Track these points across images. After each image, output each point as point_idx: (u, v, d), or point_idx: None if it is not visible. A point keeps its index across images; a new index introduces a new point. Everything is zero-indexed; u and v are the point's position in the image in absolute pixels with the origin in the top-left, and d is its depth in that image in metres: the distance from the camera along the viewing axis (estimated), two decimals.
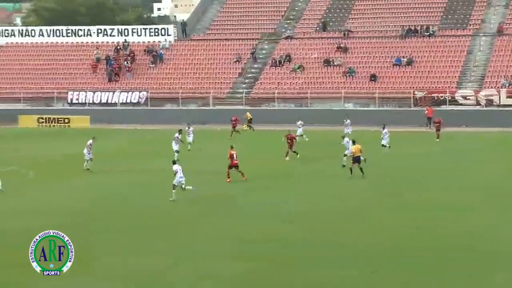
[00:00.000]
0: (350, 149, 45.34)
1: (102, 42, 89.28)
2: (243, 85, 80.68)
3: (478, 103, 72.66)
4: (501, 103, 72.19)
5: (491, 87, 73.74)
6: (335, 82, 78.26)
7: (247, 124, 70.20)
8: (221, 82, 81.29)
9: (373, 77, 77.21)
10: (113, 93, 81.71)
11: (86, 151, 46.65)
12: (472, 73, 76.72)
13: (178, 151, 50.82)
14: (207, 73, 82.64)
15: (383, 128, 52.98)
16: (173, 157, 48.07)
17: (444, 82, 75.64)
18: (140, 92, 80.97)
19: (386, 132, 52.78)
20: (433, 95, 73.69)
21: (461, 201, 36.02)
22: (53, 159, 53.57)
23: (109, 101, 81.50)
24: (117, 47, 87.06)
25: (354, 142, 43.64)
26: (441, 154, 52.78)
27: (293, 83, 79.27)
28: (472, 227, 30.88)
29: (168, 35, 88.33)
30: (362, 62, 79.83)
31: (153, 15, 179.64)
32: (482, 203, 35.82)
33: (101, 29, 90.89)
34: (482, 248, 27.44)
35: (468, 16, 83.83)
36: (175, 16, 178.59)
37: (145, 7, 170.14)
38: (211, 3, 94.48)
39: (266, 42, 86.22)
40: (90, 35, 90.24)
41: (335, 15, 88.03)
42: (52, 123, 78.51)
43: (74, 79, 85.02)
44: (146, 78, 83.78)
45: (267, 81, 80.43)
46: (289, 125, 59.80)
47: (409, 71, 77.69)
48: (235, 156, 41.67)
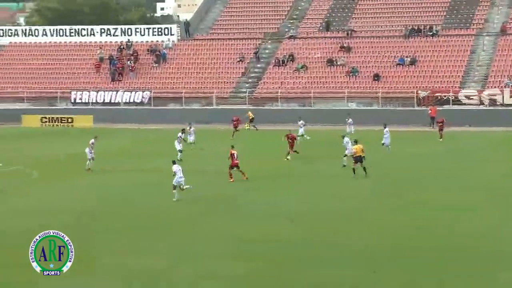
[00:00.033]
0: (350, 149, 45.32)
1: (106, 42, 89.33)
2: (246, 85, 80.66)
3: (481, 103, 72.57)
4: (505, 102, 72.09)
5: (495, 87, 73.64)
6: (338, 82, 78.22)
7: (249, 124, 70.09)
8: (224, 82, 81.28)
9: (376, 77, 77.16)
10: (116, 92, 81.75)
11: (88, 150, 46.77)
12: (476, 73, 76.65)
13: (181, 150, 50.90)
14: (210, 72, 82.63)
15: (384, 127, 52.94)
16: (176, 156, 48.25)
17: (447, 81, 75.57)
18: (143, 92, 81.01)
19: (387, 131, 52.71)
20: (437, 94, 73.60)
21: (463, 201, 35.97)
22: (57, 158, 53.60)
23: (113, 100, 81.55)
24: (120, 47, 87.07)
25: (356, 141, 43.43)
26: (444, 153, 52.74)
27: (296, 82, 79.24)
28: (475, 226, 30.84)
29: (171, 34, 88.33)
30: (365, 62, 79.76)
31: (156, 14, 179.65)
32: (485, 202, 35.79)
33: (104, 29, 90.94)
34: (485, 248, 27.39)
35: (471, 16, 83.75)
36: (178, 16, 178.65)
37: (148, 7, 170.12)
38: (214, 3, 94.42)
39: (269, 41, 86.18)
40: (94, 34, 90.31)
41: (338, 14, 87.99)
42: (55, 122, 78.63)
43: (77, 78, 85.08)
44: (149, 77, 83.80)
45: (270, 80, 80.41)
46: (292, 125, 59.90)
47: (413, 71, 77.61)
48: (235, 156, 41.68)
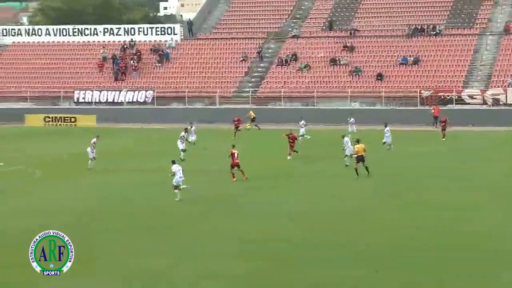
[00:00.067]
0: (350, 149, 45.32)
1: (109, 41, 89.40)
2: (250, 84, 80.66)
3: (484, 102, 72.53)
4: (508, 102, 72.06)
5: (498, 86, 73.59)
6: (341, 81, 78.20)
7: (250, 123, 69.95)
8: (228, 81, 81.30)
9: (379, 76, 77.13)
10: (120, 92, 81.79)
11: (89, 149, 46.76)
12: (479, 72, 76.60)
13: (184, 150, 50.88)
14: (214, 72, 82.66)
15: (385, 127, 52.83)
16: (178, 156, 48.27)
17: (450, 81, 75.53)
18: (146, 91, 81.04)
19: (388, 130, 52.59)
20: (440, 94, 73.57)
21: (465, 201, 35.87)
22: (60, 158, 53.61)
23: (116, 100, 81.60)
24: (123, 46, 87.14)
25: (358, 141, 43.34)
26: (446, 153, 52.64)
27: (299, 82, 79.23)
28: (477, 226, 30.75)
29: (174, 34, 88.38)
30: (369, 61, 79.73)
31: (159, 14, 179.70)
32: (487, 202, 35.70)
33: (107, 28, 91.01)
34: (487, 247, 27.33)
35: (474, 15, 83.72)
36: (181, 15, 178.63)
37: (151, 7, 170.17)
38: (217, 2, 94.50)
39: (272, 41, 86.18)
40: (97, 34, 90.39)
41: (341, 14, 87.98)
42: (58, 122, 78.65)
43: (80, 78, 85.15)
44: (153, 77, 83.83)
45: (273, 80, 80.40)
46: (295, 124, 59.87)
47: (416, 70, 77.58)
48: (236, 155, 41.61)
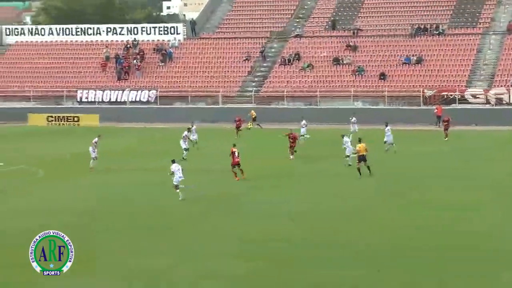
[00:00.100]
0: (350, 148, 45.33)
1: (112, 41, 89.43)
2: (253, 84, 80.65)
3: (487, 102, 72.48)
4: (511, 101, 72.00)
5: (501, 86, 73.53)
6: (344, 81, 78.18)
7: (252, 122, 69.84)
8: (231, 81, 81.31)
9: (382, 76, 77.10)
10: (123, 91, 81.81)
11: (91, 149, 46.68)
12: (482, 72, 76.54)
13: (187, 149, 50.89)
14: (217, 71, 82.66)
15: (386, 126, 52.63)
16: (181, 155, 48.29)
17: (453, 80, 75.46)
18: (149, 91, 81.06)
19: (389, 130, 52.39)
20: (443, 93, 73.52)
21: (467, 200, 35.82)
22: (62, 157, 53.61)
23: (119, 99, 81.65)
24: (126, 46, 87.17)
25: (360, 140, 43.35)
26: (449, 153, 52.56)
27: (302, 81, 79.22)
28: (478, 226, 30.72)
29: (177, 33, 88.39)
30: (372, 61, 79.70)
31: (162, 13, 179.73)
32: (489, 202, 35.66)
33: (110, 28, 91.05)
34: (488, 247, 27.30)
35: (478, 15, 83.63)
36: (184, 15, 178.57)
37: (155, 6, 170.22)
38: (220, 1, 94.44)
39: (275, 40, 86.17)
40: (100, 33, 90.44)
41: (345, 13, 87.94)
42: (61, 121, 78.73)
43: (83, 77, 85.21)
44: (156, 76, 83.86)
45: (276, 79, 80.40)
46: (297, 124, 59.71)
47: (419, 70, 77.53)
48: (236, 154, 41.55)
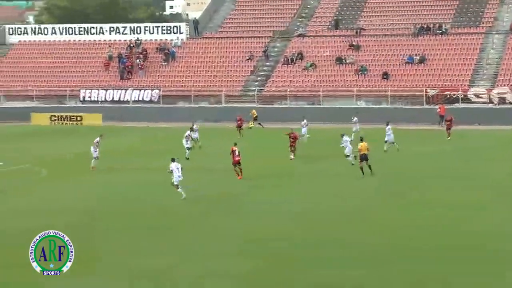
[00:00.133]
0: (349, 148, 45.33)
1: (115, 40, 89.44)
2: (255, 83, 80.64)
3: (490, 101, 72.40)
4: None
5: (504, 85, 73.43)
6: (347, 80, 78.15)
7: (253, 122, 69.75)
8: (233, 80, 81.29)
9: (385, 75, 77.05)
10: (126, 91, 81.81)
11: (93, 149, 46.61)
12: (485, 71, 76.47)
13: (190, 148, 50.88)
14: (219, 71, 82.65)
15: (387, 125, 52.52)
16: (184, 155, 48.30)
17: (456, 80, 75.39)
18: (152, 90, 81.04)
19: (389, 129, 52.28)
20: (446, 93, 73.47)
21: (469, 200, 35.80)
22: (65, 157, 53.63)
23: (122, 99, 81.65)
24: (129, 45, 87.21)
25: (362, 139, 43.34)
26: (451, 152, 52.43)
27: (305, 81, 79.20)
28: (480, 226, 30.68)
29: (180, 33, 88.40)
30: (374, 60, 79.65)
31: (165, 13, 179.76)
32: (491, 201, 35.59)
33: (113, 27, 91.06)
34: (491, 247, 27.26)
35: (481, 14, 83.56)
36: (187, 14, 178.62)
37: (157, 5, 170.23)
38: (223, 1, 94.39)
39: (278, 40, 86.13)
40: (103, 33, 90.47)
41: (347, 13, 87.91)
42: (64, 120, 78.77)
43: (86, 77, 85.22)
44: (159, 76, 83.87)
45: (279, 79, 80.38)
46: (300, 123, 59.67)
47: (422, 69, 77.48)
48: (236, 153, 41.49)
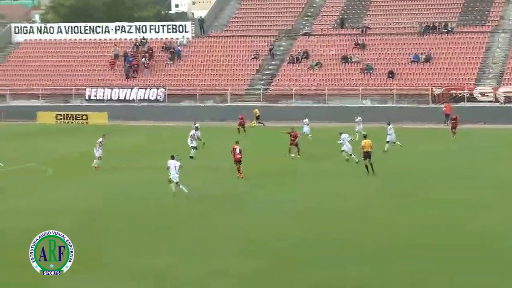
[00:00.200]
0: (348, 146, 45.30)
1: (120, 39, 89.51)
2: (261, 82, 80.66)
3: (496, 100, 72.32)
4: None
5: (510, 84, 73.36)
6: (352, 79, 78.10)
7: (255, 121, 69.76)
8: (239, 79, 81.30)
9: (391, 74, 76.99)
10: (131, 89, 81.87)
11: (95, 148, 46.48)
12: (491, 70, 76.37)
13: (195, 147, 50.83)
14: (225, 69, 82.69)
15: (388, 125, 52.36)
16: (189, 153, 48.33)
17: (462, 79, 75.31)
18: (158, 89, 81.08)
19: (391, 129, 52.10)
20: (451, 92, 73.41)
21: (473, 199, 35.68)
22: (71, 156, 53.68)
23: (127, 97, 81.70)
24: (135, 44, 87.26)
25: (365, 136, 43.31)
26: (456, 151, 52.32)
27: (311, 79, 79.17)
28: (485, 225, 30.54)
29: (186, 32, 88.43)
30: (380, 59, 79.60)
31: (171, 12, 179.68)
32: (496, 201, 35.46)
33: (119, 26, 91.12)
34: (496, 247, 27.18)
35: (486, 13, 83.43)
36: (192, 13, 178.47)
37: (163, 4, 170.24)
38: None
39: (283, 38, 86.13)
40: (108, 32, 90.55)
41: (353, 11, 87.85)
42: (70, 119, 78.87)
43: (92, 75, 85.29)
44: (164, 74, 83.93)
45: (284, 77, 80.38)
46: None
47: (427, 68, 77.41)
48: (237, 151, 41.37)
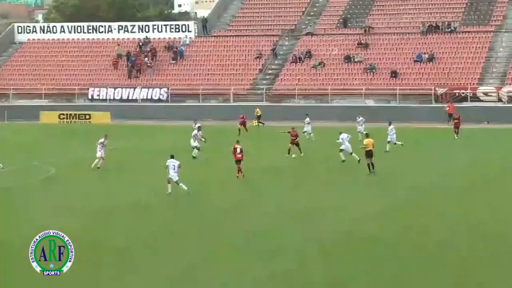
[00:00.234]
0: (347, 146, 45.27)
1: (123, 39, 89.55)
2: (264, 82, 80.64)
3: (499, 100, 72.27)
4: None
5: None
6: (355, 79, 78.07)
7: (256, 120, 69.70)
8: (242, 79, 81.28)
9: (394, 74, 76.93)
10: (134, 89, 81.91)
11: (97, 149, 46.36)
12: (494, 70, 76.31)
13: (198, 147, 50.76)
14: (228, 69, 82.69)
15: (389, 125, 52.24)
16: (191, 154, 48.31)
17: (465, 78, 75.22)
18: (161, 89, 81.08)
19: (392, 129, 51.97)
20: (455, 91, 73.33)
21: (473, 199, 35.64)
22: (74, 155, 53.59)
23: (130, 97, 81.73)
24: (138, 44, 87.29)
25: (367, 135, 43.29)
26: (459, 151, 52.32)
27: (314, 79, 79.13)
28: (488, 226, 30.43)
29: (188, 31, 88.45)
30: (383, 59, 79.56)
31: (173, 11, 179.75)
32: (500, 201, 35.34)
33: (122, 26, 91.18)
34: (499, 247, 27.08)
35: (490, 13, 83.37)
36: (195, 13, 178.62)
37: (166, 4, 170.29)
38: None
39: (286, 38, 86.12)
40: (111, 31, 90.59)
41: (356, 11, 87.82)
42: (73, 119, 78.89)
43: (95, 75, 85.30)
44: (167, 74, 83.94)
45: (287, 77, 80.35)
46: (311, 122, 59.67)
47: (430, 68, 77.33)
48: (238, 150, 41.31)
